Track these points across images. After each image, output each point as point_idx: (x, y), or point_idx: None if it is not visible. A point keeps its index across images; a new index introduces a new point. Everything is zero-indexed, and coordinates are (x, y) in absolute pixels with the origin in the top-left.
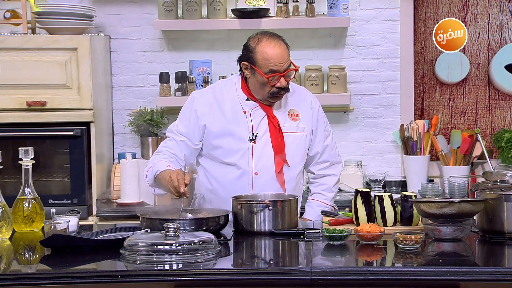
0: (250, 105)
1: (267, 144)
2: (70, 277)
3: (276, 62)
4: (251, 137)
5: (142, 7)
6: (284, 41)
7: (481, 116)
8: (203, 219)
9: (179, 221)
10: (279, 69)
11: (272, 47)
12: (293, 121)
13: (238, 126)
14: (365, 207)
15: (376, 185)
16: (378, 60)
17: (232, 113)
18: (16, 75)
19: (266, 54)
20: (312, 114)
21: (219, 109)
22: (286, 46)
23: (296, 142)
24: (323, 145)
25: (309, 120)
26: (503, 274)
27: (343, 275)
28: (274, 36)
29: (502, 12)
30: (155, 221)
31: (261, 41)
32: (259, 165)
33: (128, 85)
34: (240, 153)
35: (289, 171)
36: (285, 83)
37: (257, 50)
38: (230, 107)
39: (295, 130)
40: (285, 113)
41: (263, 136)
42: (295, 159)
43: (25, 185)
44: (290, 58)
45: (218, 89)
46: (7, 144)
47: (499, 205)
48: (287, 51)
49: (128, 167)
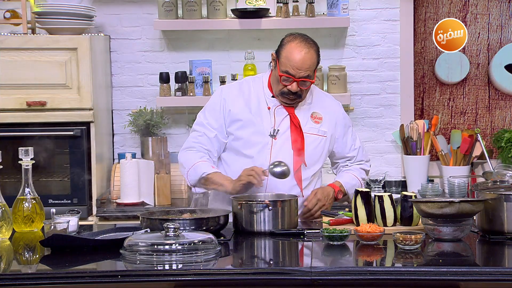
0: (274, 103)
1: (286, 141)
2: (70, 277)
3: (294, 66)
4: (272, 133)
5: (142, 7)
6: (316, 52)
7: (481, 116)
8: (203, 219)
9: (179, 221)
10: (294, 74)
11: (299, 51)
12: (315, 124)
13: (261, 120)
14: (365, 207)
15: (376, 185)
16: (378, 60)
17: (256, 107)
18: (16, 75)
19: (290, 54)
20: (336, 120)
21: (245, 102)
22: (315, 56)
23: (315, 144)
24: (355, 148)
25: (332, 125)
26: (503, 274)
27: (343, 275)
28: (307, 43)
29: (502, 12)
30: (155, 221)
31: (293, 40)
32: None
33: (128, 85)
34: (259, 146)
35: (305, 170)
36: (296, 88)
37: (285, 47)
38: (255, 101)
39: (316, 132)
40: (308, 115)
41: (284, 133)
42: (312, 159)
43: (25, 185)
44: (314, 70)
45: (246, 84)
46: (7, 144)
47: (499, 205)
48: (311, 62)
49: (128, 167)
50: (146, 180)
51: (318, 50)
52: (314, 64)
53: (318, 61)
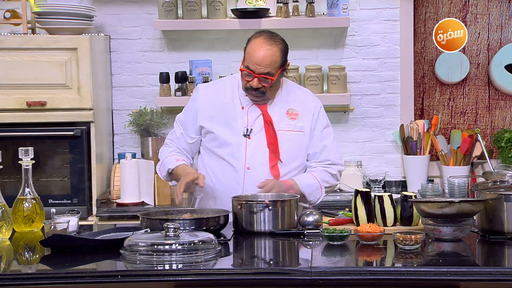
0: (248, 102)
1: (262, 140)
2: (70, 277)
3: (254, 62)
4: (245, 132)
5: (142, 7)
6: (280, 50)
7: (481, 116)
8: (203, 219)
9: (179, 221)
10: (254, 69)
11: (260, 47)
12: (291, 120)
13: (235, 120)
14: (365, 207)
15: (376, 185)
16: (378, 60)
17: (231, 107)
18: (16, 75)
19: (252, 50)
20: (312, 114)
21: (220, 102)
22: (277, 54)
23: (292, 140)
24: (321, 145)
25: (308, 119)
26: (503, 274)
27: (343, 275)
28: (271, 40)
29: (502, 12)
30: (155, 221)
31: (258, 37)
32: (252, 160)
33: (128, 85)
34: (234, 146)
35: (283, 167)
36: (256, 84)
37: (250, 43)
38: (230, 101)
39: (292, 128)
40: (283, 112)
41: (258, 132)
42: (289, 156)
43: (25, 185)
44: (282, 68)
45: (221, 83)
46: (7, 144)
47: (499, 205)
48: (272, 59)
49: (128, 167)
50: (146, 180)
51: (285, 48)
52: (276, 62)
53: (284, 60)
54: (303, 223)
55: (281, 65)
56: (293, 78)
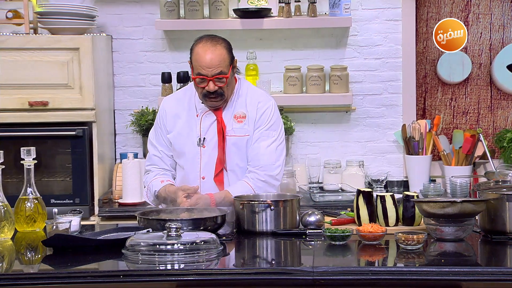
0: (203, 109)
1: (215, 148)
2: (72, 277)
3: (204, 66)
4: (198, 142)
5: (144, 7)
6: (225, 47)
7: (483, 116)
8: (201, 219)
9: (177, 221)
10: (206, 74)
11: (204, 50)
12: (238, 123)
13: (191, 130)
14: (367, 207)
15: (378, 185)
16: (380, 60)
17: (187, 117)
18: (18, 75)
19: (198, 56)
20: (256, 114)
21: (178, 111)
22: (224, 52)
23: (237, 145)
24: (254, 147)
25: (252, 120)
26: (505, 274)
27: (345, 275)
28: (212, 41)
29: (504, 12)
30: (153, 222)
31: (199, 42)
32: (206, 170)
33: (130, 85)
34: (189, 156)
35: (230, 174)
36: (213, 87)
37: (193, 51)
38: (186, 110)
39: (238, 133)
40: (231, 116)
41: (211, 140)
42: (234, 161)
43: (27, 185)
44: (232, 65)
45: (183, 92)
46: (9, 144)
47: (501, 205)
48: (221, 58)
49: (130, 167)
50: None
51: (228, 46)
52: (225, 60)
53: (231, 56)
54: (305, 223)
55: (230, 62)
56: (295, 78)
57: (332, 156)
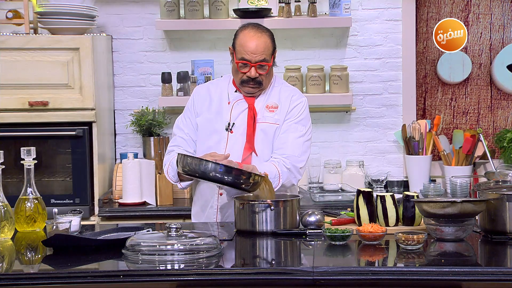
0: (235, 97)
1: (243, 134)
2: (72, 277)
3: (249, 51)
4: (227, 127)
5: (144, 7)
6: (270, 37)
7: (483, 116)
8: (240, 170)
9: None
10: (250, 59)
11: (251, 36)
12: (270, 113)
13: (220, 116)
14: (367, 207)
15: (378, 185)
16: (380, 60)
17: (218, 104)
18: (18, 75)
19: (243, 41)
20: (288, 106)
21: (210, 100)
22: (268, 41)
23: (266, 131)
24: (282, 136)
25: (284, 112)
26: (505, 274)
27: (345, 275)
28: (258, 29)
29: (504, 12)
30: (192, 162)
31: (245, 29)
32: (232, 154)
33: (130, 85)
34: (215, 140)
35: (257, 159)
36: (254, 73)
37: (238, 36)
38: (218, 98)
39: (268, 120)
40: (264, 105)
41: (240, 126)
42: (264, 148)
43: (27, 185)
44: (273, 55)
45: (215, 82)
46: (9, 144)
47: (501, 205)
48: (266, 46)
49: (130, 167)
50: (148, 180)
51: (272, 36)
52: (269, 48)
53: (274, 46)
54: (305, 223)
55: (273, 52)
56: (295, 78)
57: (332, 156)
